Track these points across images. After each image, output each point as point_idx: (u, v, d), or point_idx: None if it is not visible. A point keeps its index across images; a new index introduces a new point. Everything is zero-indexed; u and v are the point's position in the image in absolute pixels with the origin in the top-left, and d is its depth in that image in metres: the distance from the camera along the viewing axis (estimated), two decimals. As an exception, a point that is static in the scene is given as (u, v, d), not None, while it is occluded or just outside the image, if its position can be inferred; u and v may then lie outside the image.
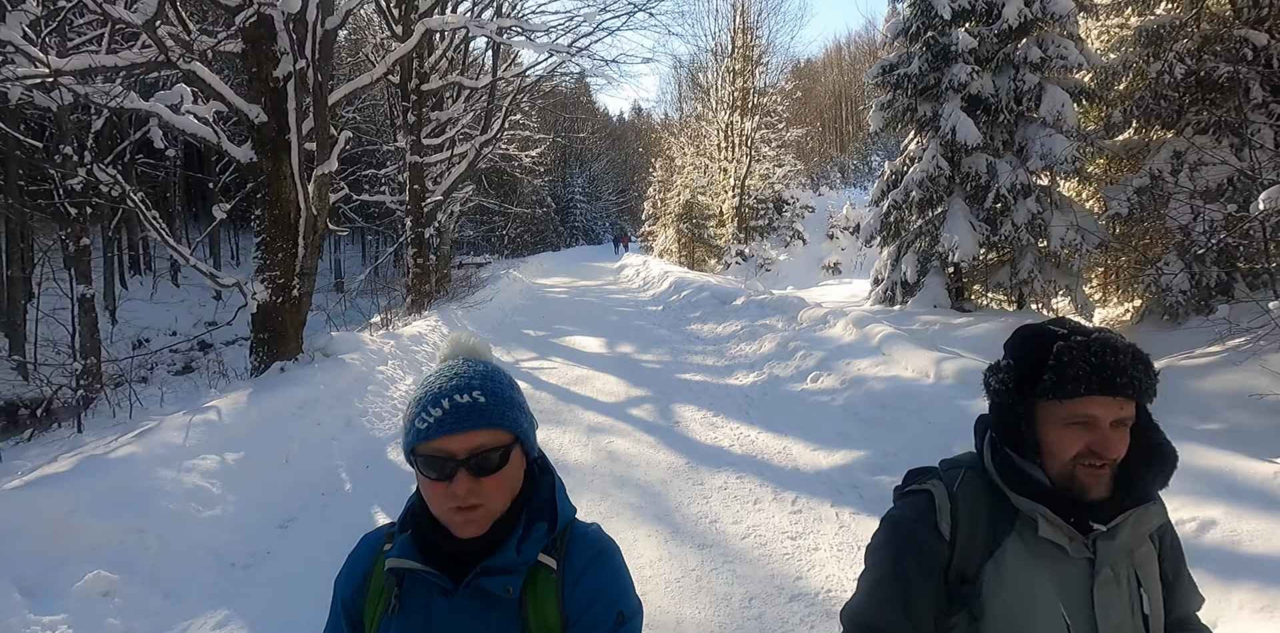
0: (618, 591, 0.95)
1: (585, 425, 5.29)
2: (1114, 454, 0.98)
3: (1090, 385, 0.96)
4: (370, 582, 0.99)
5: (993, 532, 1.03)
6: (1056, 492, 1.01)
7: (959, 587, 1.03)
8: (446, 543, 0.92)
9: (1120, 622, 1.02)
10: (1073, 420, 0.98)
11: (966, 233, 9.34)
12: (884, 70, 10.34)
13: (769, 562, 3.09)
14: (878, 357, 5.68)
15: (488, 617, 0.92)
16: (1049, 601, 1.00)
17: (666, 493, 3.94)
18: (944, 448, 3.69)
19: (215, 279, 7.84)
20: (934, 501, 1.06)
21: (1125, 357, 0.98)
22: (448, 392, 0.91)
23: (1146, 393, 0.99)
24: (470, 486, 0.88)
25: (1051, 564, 1.01)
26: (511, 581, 0.90)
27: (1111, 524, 1.01)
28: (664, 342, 9.13)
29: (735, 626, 2.61)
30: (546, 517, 0.96)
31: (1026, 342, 1.05)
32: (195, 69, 6.89)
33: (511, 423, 0.92)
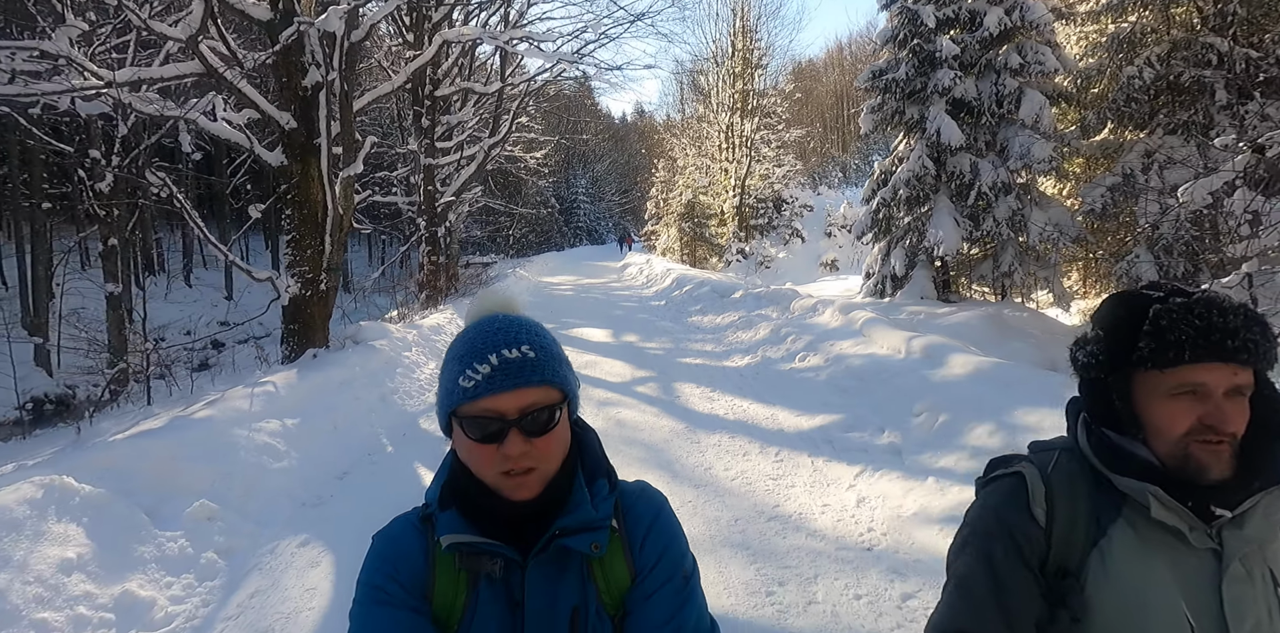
0: (680, 548, 0.93)
1: (595, 400, 5.94)
2: (1233, 427, 0.87)
3: (1197, 351, 0.86)
4: (435, 564, 0.90)
5: (1096, 518, 0.92)
6: (1168, 474, 0.89)
7: (1059, 581, 0.92)
8: (505, 511, 0.86)
9: (1257, 627, 0.88)
10: (1180, 391, 0.88)
11: (951, 229, 9.97)
12: (874, 75, 10.99)
13: (752, 495, 3.74)
14: (858, 338, 6.34)
15: (562, 582, 0.88)
16: (1168, 597, 0.87)
17: (668, 449, 4.59)
18: (905, 407, 4.42)
19: (251, 274, 8.53)
20: (1025, 482, 0.95)
21: (1236, 318, 0.87)
22: (495, 346, 0.85)
23: (1265, 358, 0.88)
24: (523, 447, 0.83)
25: (1169, 556, 0.89)
26: (598, 537, 0.87)
27: (1239, 510, 0.88)
28: (666, 331, 9.78)
29: (724, 537, 3.26)
30: (604, 473, 0.93)
31: (1118, 307, 0.95)
32: (235, 81, 7.58)
33: (562, 380, 0.88)
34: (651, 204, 28.12)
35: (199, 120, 7.84)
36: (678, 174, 24.44)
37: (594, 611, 0.87)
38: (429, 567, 0.89)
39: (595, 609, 0.88)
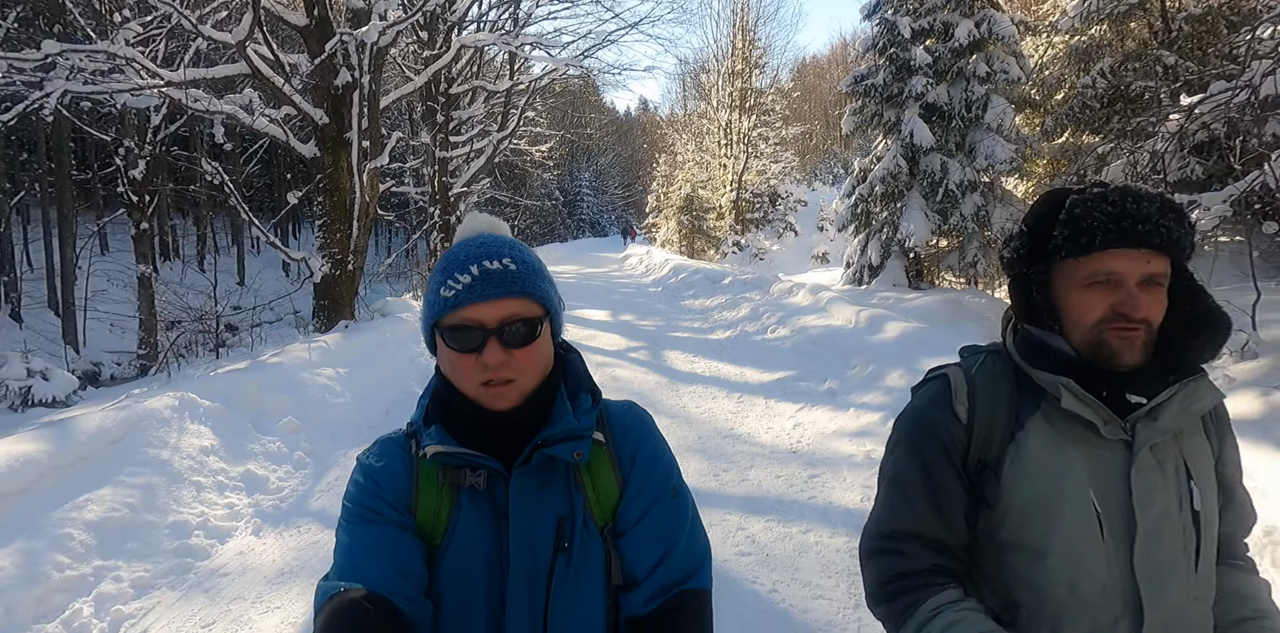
0: (668, 465, 0.98)
1: (594, 363, 7.01)
2: (1143, 313, 0.88)
3: (1108, 237, 0.88)
4: (418, 480, 0.92)
5: (1015, 414, 0.96)
6: (1083, 362, 0.92)
7: (978, 474, 0.96)
8: (486, 422, 0.89)
9: (1163, 514, 0.91)
10: (1094, 279, 0.90)
11: (921, 223, 11.01)
12: (855, 80, 12.00)
13: (714, 423, 4.82)
14: (821, 313, 7.42)
15: (547, 493, 0.91)
16: (1078, 486, 0.91)
17: (652, 396, 5.67)
18: (846, 362, 5.58)
19: (288, 254, 9.64)
20: (949, 383, 1.00)
21: (1150, 205, 0.88)
22: (476, 258, 0.87)
23: (1178, 244, 0.89)
24: (502, 356, 0.85)
25: (1083, 447, 0.92)
26: (579, 446, 0.90)
27: (1155, 402, 0.91)
28: (660, 312, 10.86)
29: (687, 447, 4.34)
30: (587, 390, 0.96)
31: (1040, 202, 0.98)
32: (275, 81, 8.66)
33: (543, 294, 0.90)
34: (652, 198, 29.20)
35: (239, 115, 8.92)
36: (677, 169, 25.50)
37: (580, 521, 0.90)
38: (412, 483, 0.91)
39: (582, 519, 0.90)
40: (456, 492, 0.90)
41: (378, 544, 0.88)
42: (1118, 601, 0.90)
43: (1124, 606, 0.90)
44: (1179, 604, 0.91)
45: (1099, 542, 0.90)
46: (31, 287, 19.56)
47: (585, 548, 0.90)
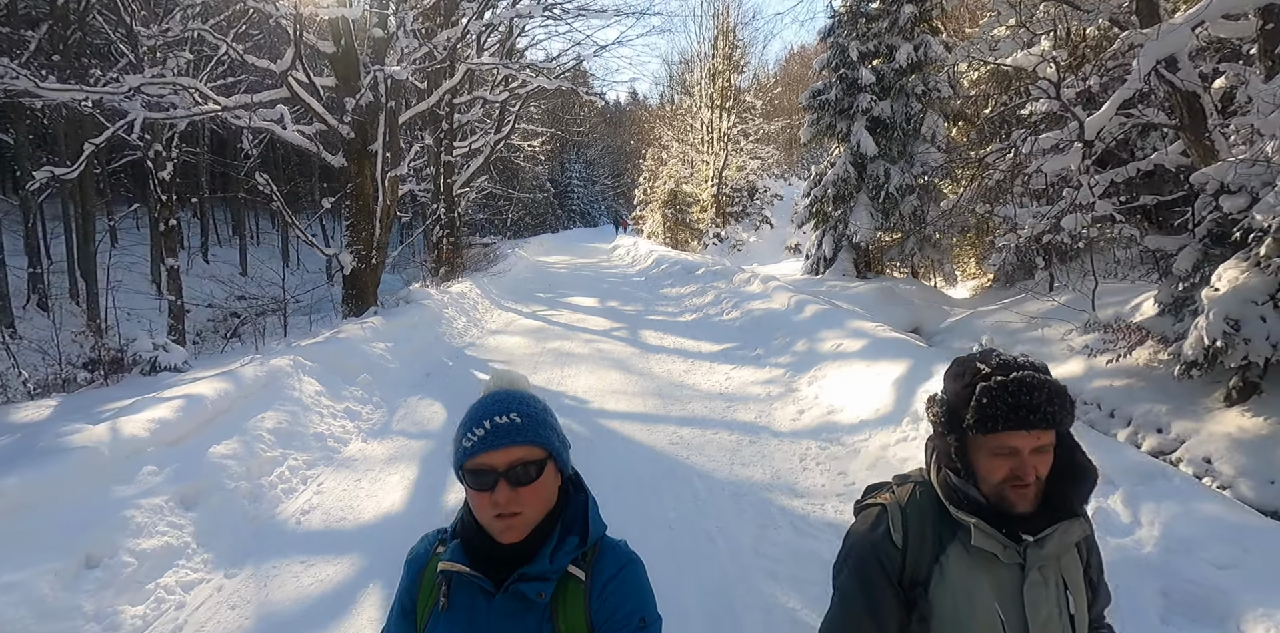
0: (641, 600, 1.11)
1: (583, 339, 8.93)
2: (1033, 475, 1.16)
3: (1008, 423, 1.15)
4: (423, 579, 1.17)
5: (939, 540, 1.22)
6: (990, 509, 1.20)
7: (911, 590, 1.23)
8: (490, 549, 1.09)
9: (1048, 619, 1.21)
10: (997, 452, 1.17)
11: (867, 221, 12.94)
12: (813, 95, 13.88)
13: (669, 377, 6.77)
14: (765, 298, 9.36)
15: (524, 619, 1.08)
16: (986, 600, 1.19)
17: (625, 360, 7.61)
18: (772, 335, 7.68)
19: (321, 250, 11.50)
20: (887, 513, 1.26)
21: (1041, 394, 1.15)
22: (490, 414, 1.08)
23: (1063, 422, 1.17)
24: (509, 495, 1.05)
25: (989, 569, 1.21)
26: (544, 587, 1.07)
27: (1040, 535, 1.19)
28: (641, 300, 12.79)
29: (648, 391, 6.27)
30: (578, 531, 1.12)
31: (956, 379, 1.24)
32: (311, 103, 10.46)
33: (544, 440, 1.10)
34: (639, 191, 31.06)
35: (274, 130, 10.73)
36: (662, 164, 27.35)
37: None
38: (420, 577, 1.18)
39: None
40: (446, 597, 1.11)
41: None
42: None
43: None
44: None
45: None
46: (52, 278, 21.22)
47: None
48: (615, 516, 3.00)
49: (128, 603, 3.01)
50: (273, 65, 10.23)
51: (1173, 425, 5.93)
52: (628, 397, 6.18)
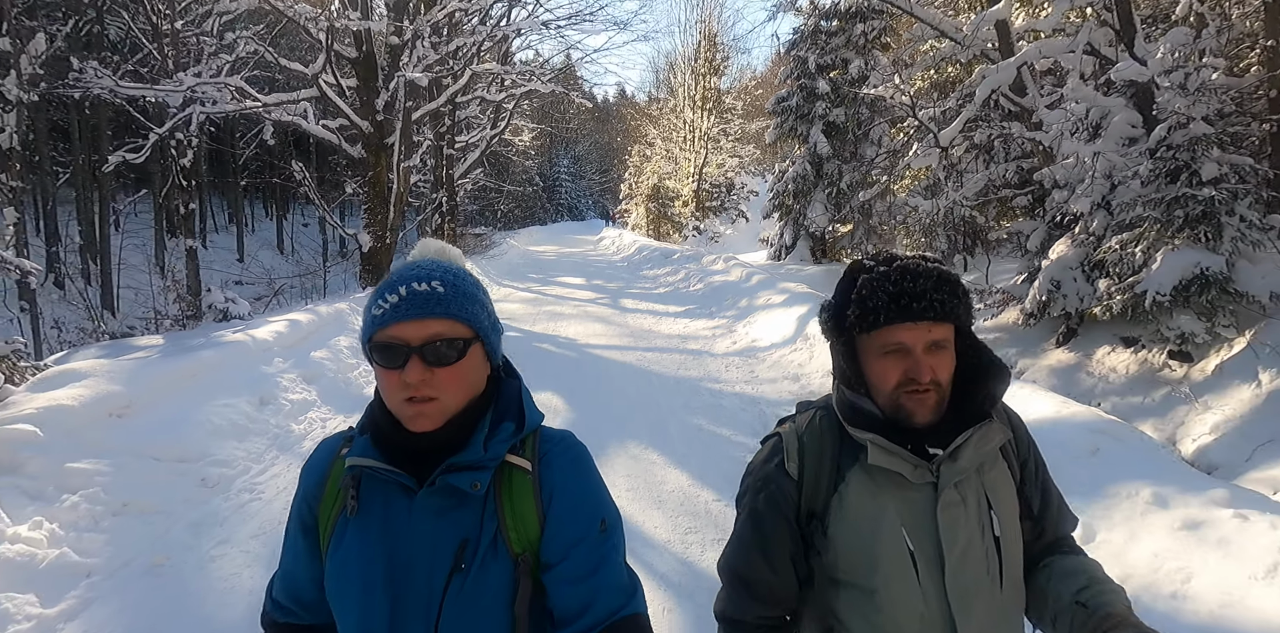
0: (599, 498, 1.02)
1: (572, 304, 10.90)
2: (930, 376, 1.03)
3: (890, 314, 1.03)
4: (326, 486, 1.02)
5: (837, 467, 1.11)
6: (888, 420, 1.07)
7: (808, 524, 1.12)
8: (406, 441, 0.95)
9: (968, 545, 1.07)
10: (886, 350, 1.05)
11: (821, 213, 14.97)
12: (777, 101, 15.90)
13: (641, 328, 8.79)
14: (724, 274, 11.39)
15: (455, 515, 0.96)
16: (892, 528, 1.07)
17: (606, 317, 9.60)
18: (724, 299, 9.90)
19: (343, 230, 13.39)
20: (783, 443, 1.15)
21: (926, 281, 1.03)
22: (406, 280, 0.94)
23: (953, 314, 1.04)
24: (423, 374, 0.91)
25: (895, 492, 1.08)
26: (479, 477, 0.94)
27: (951, 447, 1.06)
28: (623, 279, 14.79)
29: (625, 336, 8.25)
30: (513, 418, 1.01)
31: (842, 279, 1.13)
32: (338, 101, 12.33)
33: (470, 317, 0.95)
34: (625, 186, 33.03)
35: (301, 124, 12.60)
36: (647, 161, 29.35)
37: (487, 545, 0.95)
38: (324, 483, 1.03)
39: (490, 544, 0.95)
40: (355, 499, 0.98)
41: (306, 555, 1.04)
42: (936, 625, 1.07)
43: (941, 629, 1.07)
44: (987, 622, 1.08)
45: (914, 578, 1.06)
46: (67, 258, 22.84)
47: (486, 572, 0.94)
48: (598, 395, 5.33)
49: (292, 423, 4.94)
50: (304, 68, 12.16)
51: (1019, 362, 7.98)
52: (607, 338, 8.16)
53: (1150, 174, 6.22)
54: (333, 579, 0.99)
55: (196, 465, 3.93)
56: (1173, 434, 5.64)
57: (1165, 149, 6.16)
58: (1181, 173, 6.02)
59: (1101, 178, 6.80)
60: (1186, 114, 6.00)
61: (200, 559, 3.18)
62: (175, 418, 4.21)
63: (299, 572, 1.05)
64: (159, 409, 4.24)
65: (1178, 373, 6.23)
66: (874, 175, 14.96)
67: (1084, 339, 7.65)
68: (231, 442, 4.31)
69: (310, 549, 1.03)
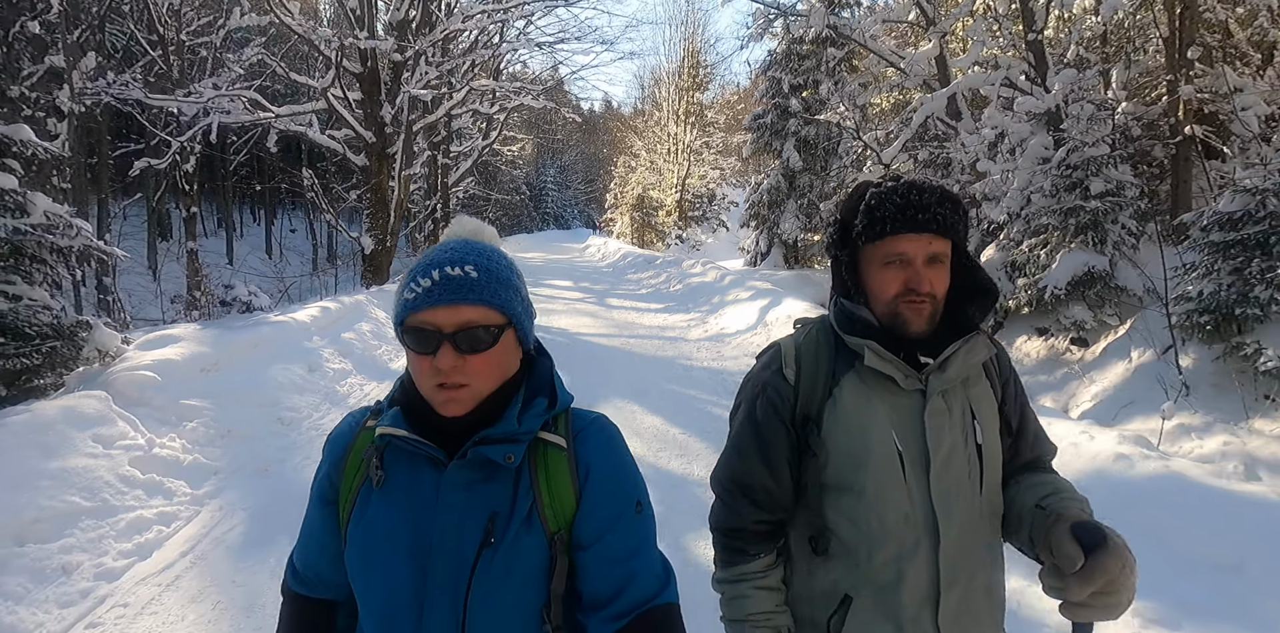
0: (634, 479, 1.03)
1: (562, 302, 12.05)
2: (928, 287, 1.11)
3: (896, 224, 1.10)
4: (349, 458, 1.02)
5: (833, 373, 1.19)
6: (885, 329, 1.15)
7: (804, 427, 1.18)
8: (437, 419, 0.95)
9: (952, 450, 1.15)
10: (888, 260, 1.13)
11: (793, 223, 16.25)
12: (754, 118, 17.22)
13: (626, 320, 9.95)
14: (702, 275, 12.59)
15: (485, 489, 0.96)
16: (883, 430, 1.14)
17: (593, 312, 10.77)
18: (699, 297, 11.20)
19: (348, 233, 14.44)
20: (781, 350, 1.23)
21: (931, 196, 1.11)
22: (440, 263, 0.93)
23: (954, 228, 1.13)
24: (455, 361, 0.91)
25: (886, 398, 1.16)
26: (513, 449, 0.95)
27: (943, 357, 1.14)
28: (608, 281, 15.97)
29: (612, 327, 9.41)
30: (546, 395, 1.01)
31: (848, 197, 1.20)
32: (344, 114, 13.45)
33: (504, 303, 0.95)
34: (610, 195, 34.29)
35: (308, 133, 13.71)
36: (632, 172, 30.65)
37: (520, 520, 0.95)
38: (346, 455, 1.03)
39: (524, 519, 0.95)
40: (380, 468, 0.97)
41: (324, 529, 1.04)
42: (919, 525, 1.14)
43: (924, 528, 1.14)
44: (967, 523, 1.16)
45: (900, 477, 1.14)
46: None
47: (519, 547, 0.94)
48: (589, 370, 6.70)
49: (336, 385, 6.03)
50: (313, 82, 13.30)
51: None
52: (594, 328, 9.32)
53: (1053, 188, 7.51)
54: (355, 551, 0.98)
55: (273, 409, 5.02)
56: (1066, 404, 6.87)
57: (1065, 168, 7.45)
58: (1076, 188, 7.31)
59: (1018, 192, 8.08)
60: (1081, 139, 7.29)
61: (291, 470, 4.28)
62: (251, 374, 5.31)
63: (316, 545, 1.05)
64: (237, 367, 5.33)
65: (1076, 355, 7.48)
66: (841, 188, 16.28)
67: (1009, 330, 8.91)
68: (294, 395, 5.40)
69: (329, 522, 1.03)
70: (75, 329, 5.03)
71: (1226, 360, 5.42)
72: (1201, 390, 5.68)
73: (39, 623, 2.60)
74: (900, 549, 1.14)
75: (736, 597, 1.22)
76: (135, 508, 3.42)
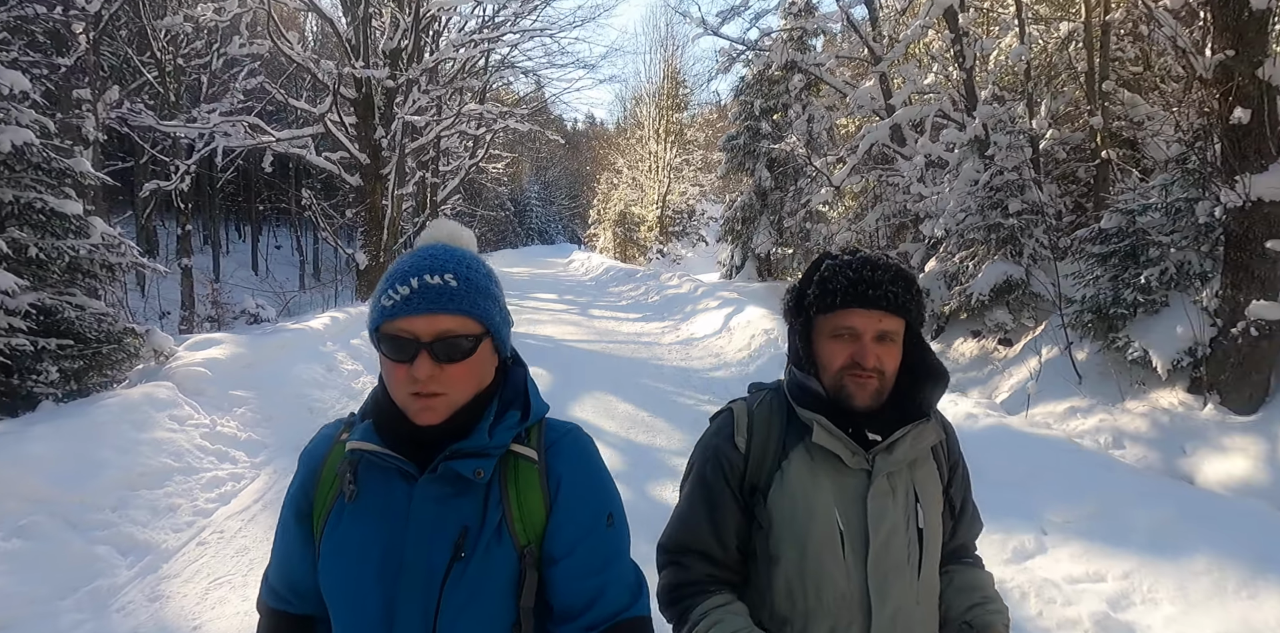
0: (607, 491, 1.03)
1: (548, 313, 13.05)
2: (874, 363, 1.14)
3: (847, 298, 1.14)
4: (323, 471, 1.03)
5: (783, 444, 1.20)
6: (831, 402, 1.17)
7: (751, 496, 1.20)
8: (409, 430, 0.95)
9: (892, 532, 1.17)
10: (837, 333, 1.16)
11: (766, 237, 17.39)
12: (728, 139, 18.40)
13: (606, 329, 10.98)
14: (677, 287, 13.66)
15: (457, 503, 0.96)
16: (826, 508, 1.16)
17: (577, 321, 11.79)
18: (674, 307, 12.32)
19: (344, 250, 15.38)
20: (734, 416, 1.24)
21: (884, 273, 1.15)
22: (418, 271, 0.93)
23: (905, 308, 1.15)
24: (432, 370, 0.91)
25: (833, 475, 1.17)
26: (483, 464, 0.95)
27: (890, 439, 1.16)
28: (591, 294, 17.02)
29: (593, 334, 10.42)
30: (519, 406, 1.02)
31: (808, 267, 1.24)
32: (341, 138, 14.45)
33: (482, 312, 0.95)
34: (594, 211, 35.46)
35: (305, 156, 14.68)
36: (614, 188, 31.84)
37: (490, 533, 0.96)
38: (320, 469, 1.04)
39: (494, 532, 0.96)
40: (353, 483, 0.98)
41: (300, 543, 1.04)
42: (854, 605, 1.15)
43: (858, 609, 1.15)
44: (902, 607, 1.18)
45: (840, 555, 1.15)
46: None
47: (490, 560, 0.95)
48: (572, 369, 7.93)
49: (352, 383, 6.97)
50: (312, 108, 14.32)
51: (903, 354, 10.31)
52: (577, 335, 10.32)
53: (978, 207, 8.64)
54: (327, 565, 0.99)
55: (303, 401, 5.97)
56: (990, 396, 7.94)
57: (989, 189, 8.58)
58: (998, 207, 8.44)
59: (953, 210, 9.21)
60: (1001, 164, 8.44)
61: (325, 446, 5.24)
62: (281, 372, 6.26)
63: (293, 560, 1.05)
64: (269, 366, 6.28)
65: (1002, 354, 8.58)
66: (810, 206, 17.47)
67: (948, 333, 10.01)
68: (317, 390, 6.35)
69: (304, 537, 1.04)
70: (122, 335, 5.97)
71: (1105, 353, 6.52)
72: (1091, 379, 6.76)
73: (163, 540, 3.55)
74: (833, 627, 1.16)
75: (715, 623, 1.17)
76: (211, 470, 4.38)
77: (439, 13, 15.92)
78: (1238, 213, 5.26)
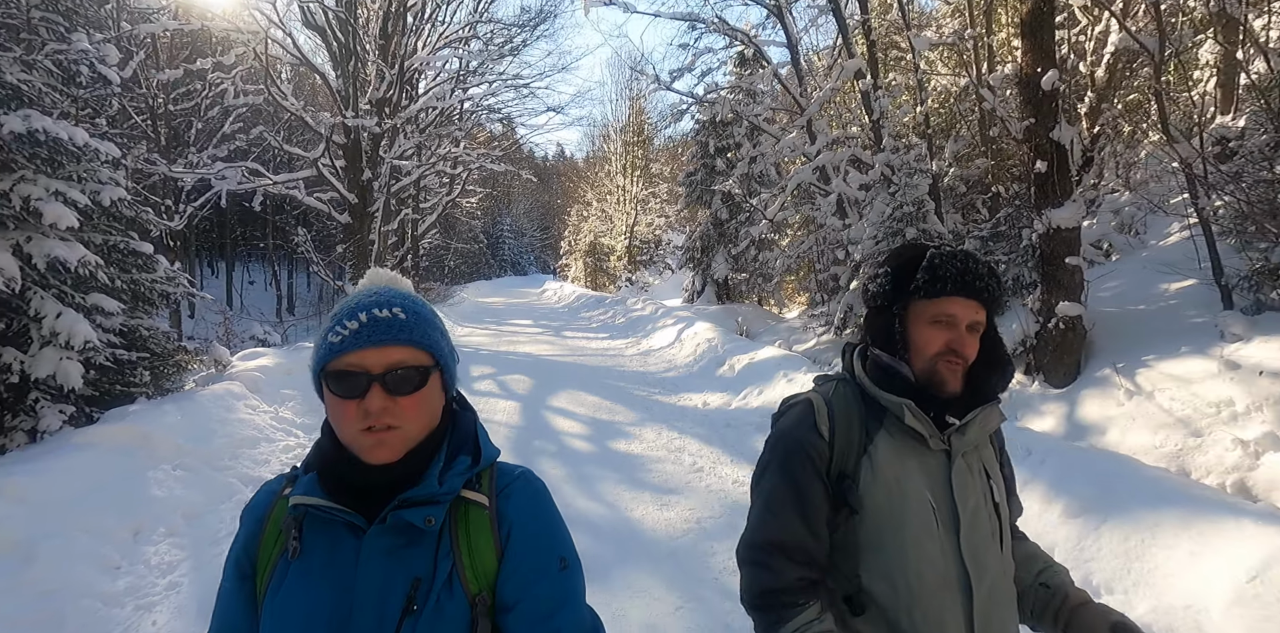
0: (558, 535, 1.03)
1: (525, 335, 14.74)
2: (968, 351, 1.22)
3: (955, 286, 1.22)
4: (266, 528, 1.02)
5: (865, 430, 1.26)
6: (919, 388, 1.24)
7: (839, 483, 1.25)
8: (357, 476, 0.95)
9: (976, 506, 1.26)
10: (937, 319, 1.24)
11: (723, 265, 19.32)
12: (686, 175, 20.45)
13: (577, 347, 12.72)
14: (641, 310, 15.46)
15: (407, 554, 0.95)
16: (917, 489, 1.23)
17: (552, 340, 13.52)
18: (637, 327, 14.24)
19: (333, 281, 16.99)
20: (812, 406, 1.29)
21: (984, 268, 1.24)
22: (366, 306, 0.95)
23: (997, 301, 1.26)
24: (385, 403, 0.92)
25: (916, 457, 1.25)
26: (433, 512, 0.95)
27: (965, 420, 1.25)
28: (564, 319, 18.76)
29: (566, 352, 12.15)
30: (469, 451, 1.02)
31: (904, 252, 1.32)
32: (333, 181, 16.17)
33: (432, 344, 0.98)
34: (565, 242, 37.40)
35: (297, 196, 16.35)
36: (584, 220, 33.85)
37: (441, 584, 0.95)
38: (263, 526, 1.02)
39: (445, 583, 0.95)
40: (298, 540, 0.97)
41: (242, 604, 1.01)
42: (954, 584, 1.22)
43: (958, 588, 1.22)
44: (995, 580, 1.25)
45: (935, 535, 1.22)
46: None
47: (442, 613, 0.94)
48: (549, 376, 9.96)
49: (367, 388, 8.59)
50: (305, 153, 16.09)
51: (837, 363, 12.14)
52: (552, 351, 12.01)
53: (884, 236, 10.60)
54: (271, 626, 0.97)
55: (334, 399, 7.59)
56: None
57: (892, 221, 10.56)
58: (898, 235, 10.41)
59: (868, 239, 11.18)
60: (901, 199, 10.43)
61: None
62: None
63: (235, 622, 1.02)
64: (303, 373, 7.85)
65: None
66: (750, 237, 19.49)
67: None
68: (343, 392, 7.97)
69: (247, 597, 1.02)
70: (174, 352, 7.57)
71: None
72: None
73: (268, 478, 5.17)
74: (939, 607, 1.22)
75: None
76: (282, 440, 6.00)
77: (421, 66, 17.89)
78: (1045, 237, 7.20)
